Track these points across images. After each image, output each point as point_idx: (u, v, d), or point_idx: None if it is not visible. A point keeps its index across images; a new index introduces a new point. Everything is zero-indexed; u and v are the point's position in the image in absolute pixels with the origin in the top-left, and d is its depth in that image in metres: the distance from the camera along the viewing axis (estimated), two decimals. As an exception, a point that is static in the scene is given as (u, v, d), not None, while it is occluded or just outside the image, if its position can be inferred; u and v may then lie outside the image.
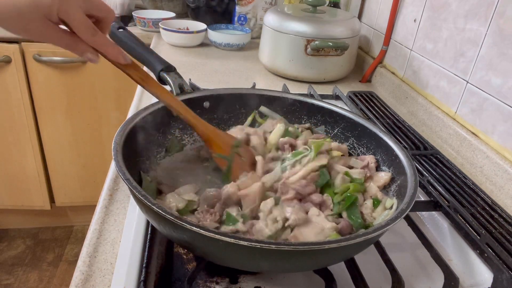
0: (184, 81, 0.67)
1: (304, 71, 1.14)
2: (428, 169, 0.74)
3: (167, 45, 1.39)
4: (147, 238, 0.51)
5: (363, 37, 1.35)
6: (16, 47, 1.39)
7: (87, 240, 0.53)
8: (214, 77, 1.15)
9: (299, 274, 0.52)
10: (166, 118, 0.64)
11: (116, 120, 1.62)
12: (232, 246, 0.38)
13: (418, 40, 1.02)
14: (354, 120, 0.68)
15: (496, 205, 0.65)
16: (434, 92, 0.96)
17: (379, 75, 1.19)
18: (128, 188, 0.44)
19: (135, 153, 0.57)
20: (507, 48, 0.74)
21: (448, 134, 0.87)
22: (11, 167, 1.63)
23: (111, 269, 0.49)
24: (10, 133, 1.55)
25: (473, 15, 0.82)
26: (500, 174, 0.72)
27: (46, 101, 1.52)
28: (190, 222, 0.39)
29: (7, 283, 1.64)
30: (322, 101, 0.72)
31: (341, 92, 1.04)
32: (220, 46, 1.39)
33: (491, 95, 0.78)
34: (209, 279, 0.49)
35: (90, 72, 1.50)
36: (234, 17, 1.50)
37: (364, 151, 0.66)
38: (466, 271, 0.57)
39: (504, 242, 0.56)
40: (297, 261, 0.42)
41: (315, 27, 1.10)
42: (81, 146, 1.66)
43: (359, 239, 0.40)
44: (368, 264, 0.52)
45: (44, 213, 1.86)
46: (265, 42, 1.20)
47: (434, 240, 0.62)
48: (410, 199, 0.48)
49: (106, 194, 0.63)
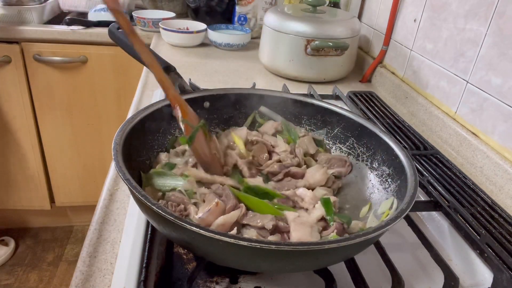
0: (184, 81, 0.67)
1: (304, 71, 1.14)
2: (428, 169, 0.74)
3: (167, 45, 1.39)
4: (147, 238, 0.51)
5: (363, 37, 1.35)
6: (16, 47, 1.39)
7: (87, 240, 0.53)
8: (214, 77, 1.15)
9: (299, 274, 0.52)
10: (166, 118, 0.64)
11: (116, 120, 1.62)
12: (232, 246, 0.38)
13: (418, 40, 1.02)
14: (354, 120, 0.68)
15: (496, 205, 0.65)
16: (434, 92, 0.96)
17: (379, 75, 1.19)
18: (128, 188, 0.44)
19: (135, 153, 0.57)
20: (507, 48, 0.74)
21: (448, 134, 0.87)
22: (11, 167, 1.63)
23: (111, 269, 0.49)
24: (10, 133, 1.55)
25: (473, 15, 0.82)
26: (500, 174, 0.72)
27: (46, 101, 1.52)
28: (190, 222, 0.39)
29: (7, 283, 1.64)
30: (322, 101, 0.72)
31: (341, 92, 1.04)
32: (220, 46, 1.39)
33: (491, 95, 0.78)
34: (209, 279, 0.49)
35: (90, 72, 1.50)
36: (234, 17, 1.50)
37: (364, 151, 0.66)
38: (466, 271, 0.57)
39: (504, 242, 0.56)
40: (297, 261, 0.42)
41: (315, 27, 1.10)
42: (81, 146, 1.66)
43: (359, 239, 0.40)
44: (368, 264, 0.52)
45: (44, 213, 1.86)
46: (265, 42, 1.20)
47: (434, 240, 0.62)
48: (410, 199, 0.48)
49: (106, 194, 0.63)
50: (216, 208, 0.49)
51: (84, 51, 1.46)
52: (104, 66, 1.50)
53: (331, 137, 0.71)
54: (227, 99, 0.71)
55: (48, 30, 1.41)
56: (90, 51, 1.46)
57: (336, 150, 0.71)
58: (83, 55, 1.46)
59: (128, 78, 1.52)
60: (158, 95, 0.96)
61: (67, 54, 1.45)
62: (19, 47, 1.40)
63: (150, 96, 0.97)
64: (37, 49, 1.41)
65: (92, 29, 1.44)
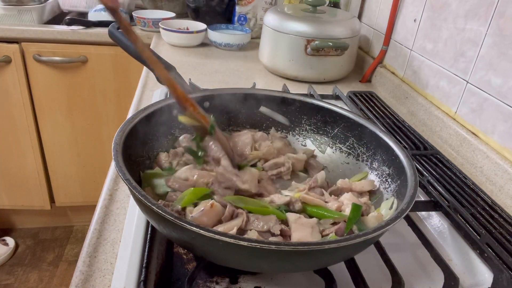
0: (184, 81, 0.67)
1: (304, 71, 1.14)
2: (428, 169, 0.74)
3: (167, 45, 1.39)
4: (147, 238, 0.51)
5: (363, 37, 1.35)
6: (16, 47, 1.39)
7: (87, 240, 0.53)
8: (214, 77, 1.15)
9: (299, 274, 0.52)
10: (166, 118, 0.64)
11: (116, 120, 1.62)
12: (232, 246, 0.38)
13: (418, 40, 1.02)
14: (354, 120, 0.68)
15: (496, 205, 0.65)
16: (434, 92, 0.96)
17: (379, 75, 1.19)
18: (128, 188, 0.44)
19: (135, 153, 0.57)
20: (507, 48, 0.74)
21: (448, 134, 0.87)
22: (11, 167, 1.63)
23: (111, 269, 0.49)
24: (10, 133, 1.55)
25: (473, 15, 0.82)
26: (500, 174, 0.72)
27: (46, 101, 1.52)
28: (190, 222, 0.39)
29: (7, 283, 1.64)
30: (322, 101, 0.72)
31: (341, 92, 1.04)
32: (220, 46, 1.39)
33: (491, 95, 0.78)
34: (209, 279, 0.49)
35: (90, 72, 1.50)
36: (234, 17, 1.50)
37: (364, 151, 0.66)
38: (466, 271, 0.57)
39: (504, 242, 0.56)
40: (297, 261, 0.42)
41: (315, 27, 1.10)
42: (81, 146, 1.66)
43: (359, 239, 0.40)
44: (368, 264, 0.52)
45: (44, 213, 1.86)
46: (265, 42, 1.20)
47: (434, 240, 0.62)
48: (410, 199, 0.48)
49: (106, 194, 0.63)
50: (210, 209, 0.48)
51: (84, 51, 1.46)
52: (104, 66, 1.50)
53: (331, 137, 0.71)
54: (227, 99, 0.71)
55: (48, 30, 1.41)
56: (90, 51, 1.46)
57: (336, 150, 0.71)
58: (83, 55, 1.46)
59: (128, 78, 1.52)
60: (158, 95, 0.96)
61: (67, 54, 1.45)
62: (19, 47, 1.40)
63: (150, 96, 0.97)
64: (37, 49, 1.41)
65: (92, 29, 1.44)
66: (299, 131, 0.74)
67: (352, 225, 0.51)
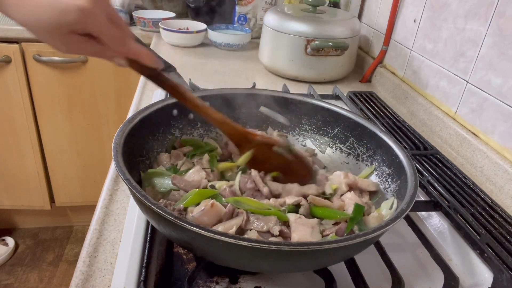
0: (184, 81, 0.68)
1: (304, 71, 1.14)
2: (428, 169, 0.74)
3: (167, 45, 1.39)
4: (147, 238, 0.51)
5: (363, 37, 1.35)
6: (16, 47, 1.39)
7: (87, 240, 0.53)
8: (214, 77, 1.15)
9: (299, 274, 0.52)
10: (166, 118, 0.64)
11: (116, 120, 1.62)
12: (232, 246, 0.38)
13: (418, 40, 1.02)
14: (354, 120, 0.68)
15: (496, 205, 0.65)
16: (434, 92, 0.96)
17: (379, 75, 1.19)
18: (128, 188, 0.44)
19: (135, 153, 0.57)
20: (507, 48, 0.74)
21: (448, 134, 0.87)
22: (11, 167, 1.63)
23: (111, 269, 0.49)
24: (10, 133, 1.55)
25: (473, 15, 0.82)
26: (500, 174, 0.72)
27: (46, 101, 1.52)
28: (190, 222, 0.39)
29: (7, 283, 1.64)
30: (322, 101, 0.72)
31: (341, 92, 1.04)
32: (220, 46, 1.39)
33: (491, 95, 0.78)
34: (209, 279, 0.49)
35: (90, 72, 1.50)
36: (234, 17, 1.50)
37: (364, 151, 0.66)
38: (466, 271, 0.57)
39: (504, 242, 0.56)
40: (297, 261, 0.42)
41: (315, 27, 1.10)
42: (81, 146, 1.66)
43: (359, 239, 0.40)
44: (368, 264, 0.52)
45: (44, 213, 1.86)
46: (265, 42, 1.20)
47: (434, 240, 0.62)
48: (410, 199, 0.48)
49: (106, 194, 0.63)
50: (211, 209, 0.48)
51: (84, 51, 1.45)
52: (104, 66, 1.49)
53: (331, 137, 0.71)
54: (226, 99, 0.71)
55: (48, 30, 1.41)
56: (90, 51, 1.46)
57: (336, 150, 0.71)
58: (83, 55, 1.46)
59: (128, 78, 1.52)
60: (158, 95, 0.96)
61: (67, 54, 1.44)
62: (19, 47, 1.40)
63: (150, 96, 0.97)
64: (37, 49, 1.41)
65: (92, 29, 1.44)
66: (299, 131, 0.74)
67: (353, 225, 0.51)
